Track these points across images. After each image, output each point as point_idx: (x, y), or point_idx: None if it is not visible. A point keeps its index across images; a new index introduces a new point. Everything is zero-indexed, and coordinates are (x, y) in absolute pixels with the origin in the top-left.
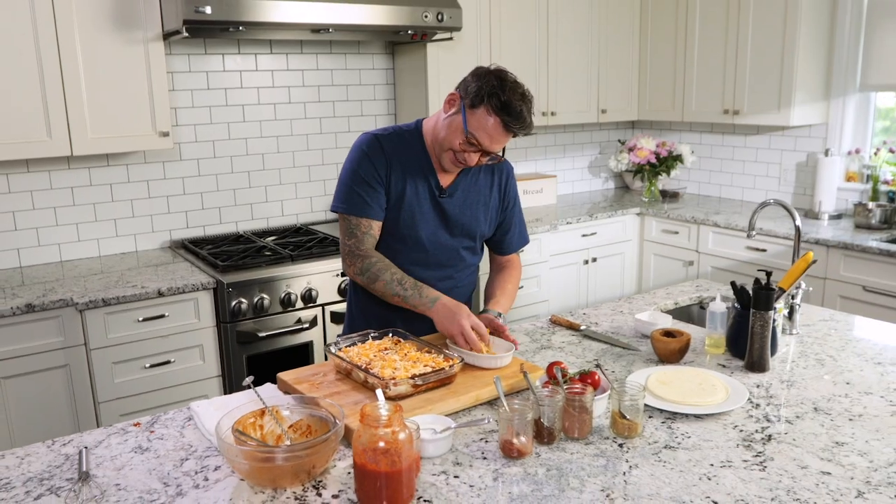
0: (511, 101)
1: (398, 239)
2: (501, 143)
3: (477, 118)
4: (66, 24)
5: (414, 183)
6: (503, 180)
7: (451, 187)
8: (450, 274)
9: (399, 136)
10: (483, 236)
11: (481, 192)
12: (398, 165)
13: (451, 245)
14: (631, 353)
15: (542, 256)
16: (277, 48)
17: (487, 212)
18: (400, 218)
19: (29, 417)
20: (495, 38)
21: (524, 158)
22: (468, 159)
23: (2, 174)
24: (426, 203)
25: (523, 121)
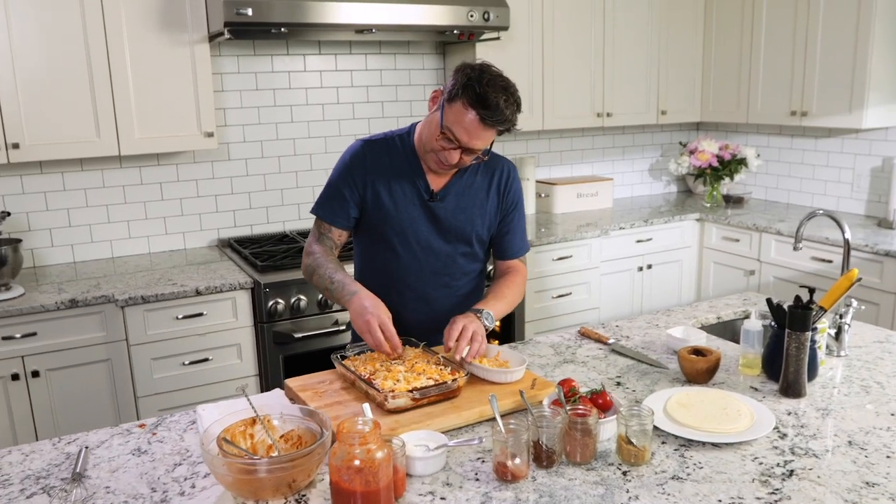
0: (487, 93)
1: (389, 247)
2: (481, 138)
3: (453, 112)
4: (115, 27)
5: (401, 188)
6: (503, 181)
7: (443, 191)
8: (446, 282)
9: (389, 141)
10: (482, 241)
11: (477, 195)
12: (383, 172)
13: (446, 251)
14: (658, 371)
15: (593, 262)
16: (326, 49)
17: (484, 215)
18: (388, 225)
19: (72, 409)
20: (548, 36)
21: (580, 161)
22: (449, 158)
23: (57, 172)
24: (416, 208)
25: (500, 113)
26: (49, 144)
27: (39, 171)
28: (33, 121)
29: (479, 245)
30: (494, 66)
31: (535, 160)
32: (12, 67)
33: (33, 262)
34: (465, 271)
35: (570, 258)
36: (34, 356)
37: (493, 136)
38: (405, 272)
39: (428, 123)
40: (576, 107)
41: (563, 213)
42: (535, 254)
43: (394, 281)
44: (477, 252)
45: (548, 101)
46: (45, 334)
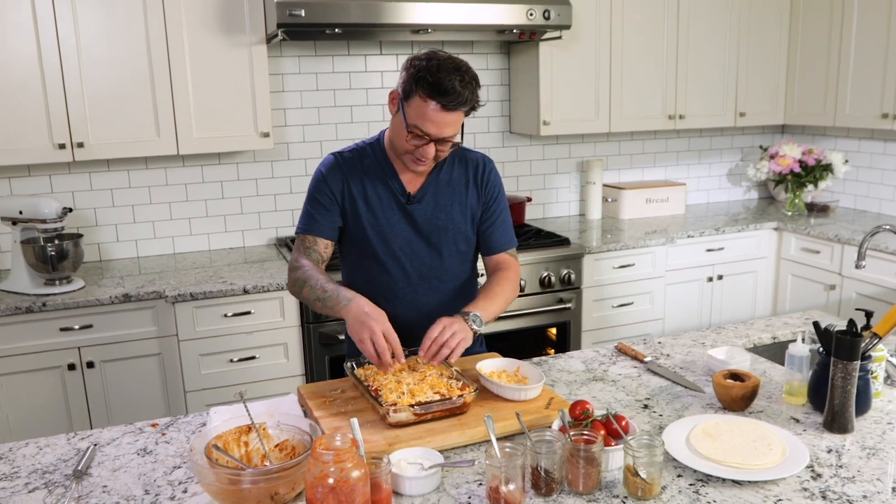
0: (440, 79)
1: (372, 256)
2: (449, 125)
3: (414, 108)
4: (176, 29)
5: (377, 195)
6: (480, 174)
7: (420, 192)
8: (435, 286)
9: (360, 150)
10: (468, 238)
11: (456, 191)
12: (357, 180)
13: (430, 253)
14: (692, 394)
15: (657, 271)
16: (387, 49)
17: (465, 211)
18: (368, 234)
19: (125, 400)
20: (616, 35)
21: (652, 164)
22: (425, 153)
23: (123, 170)
24: (393, 214)
25: (458, 95)
26: (111, 144)
27: (107, 169)
28: (97, 121)
29: (464, 243)
30: (442, 50)
31: (602, 163)
32: (79, 70)
33: (99, 256)
34: (453, 273)
35: (633, 266)
36: (90, 347)
37: (460, 119)
38: (392, 280)
39: (393, 127)
40: (645, 108)
41: (630, 219)
42: (594, 261)
43: (381, 290)
44: (463, 250)
45: (615, 102)
46: (100, 327)
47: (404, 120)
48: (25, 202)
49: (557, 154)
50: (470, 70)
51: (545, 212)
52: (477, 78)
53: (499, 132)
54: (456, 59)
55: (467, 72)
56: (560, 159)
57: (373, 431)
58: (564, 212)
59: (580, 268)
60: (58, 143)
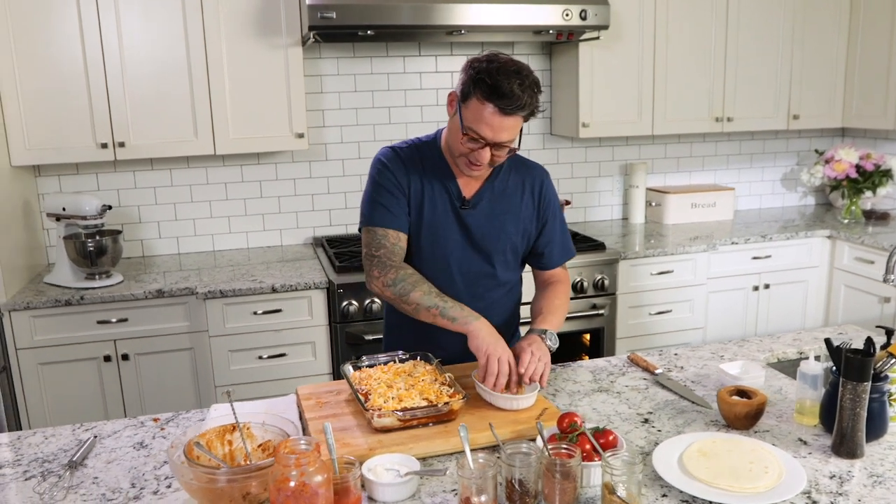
0: (499, 82)
1: (420, 257)
2: (506, 129)
3: (471, 111)
4: (214, 32)
5: (433, 196)
6: (536, 186)
7: (476, 197)
8: (480, 294)
9: (417, 148)
10: (516, 249)
11: (510, 201)
12: (417, 176)
13: (478, 261)
14: (698, 410)
15: (698, 279)
16: (426, 50)
17: (518, 222)
18: (421, 233)
19: (158, 392)
20: (661, 35)
21: (700, 168)
22: (480, 158)
23: (166, 169)
24: (448, 216)
25: (517, 99)
26: (151, 143)
27: (150, 168)
28: (138, 121)
29: (512, 254)
30: (503, 53)
31: (646, 166)
32: (121, 72)
33: (142, 252)
34: (499, 282)
35: (672, 273)
36: (125, 340)
37: (518, 124)
38: (436, 283)
39: (450, 129)
40: (691, 110)
41: (673, 224)
42: (629, 267)
43: None
44: (510, 261)
45: (658, 104)
46: (135, 320)
47: (461, 121)
48: (68, 199)
49: (600, 157)
50: (531, 74)
51: (586, 215)
52: (537, 82)
53: (539, 134)
54: (517, 63)
55: (528, 76)
56: (603, 162)
57: (357, 435)
58: (607, 216)
59: (615, 274)
60: (100, 143)
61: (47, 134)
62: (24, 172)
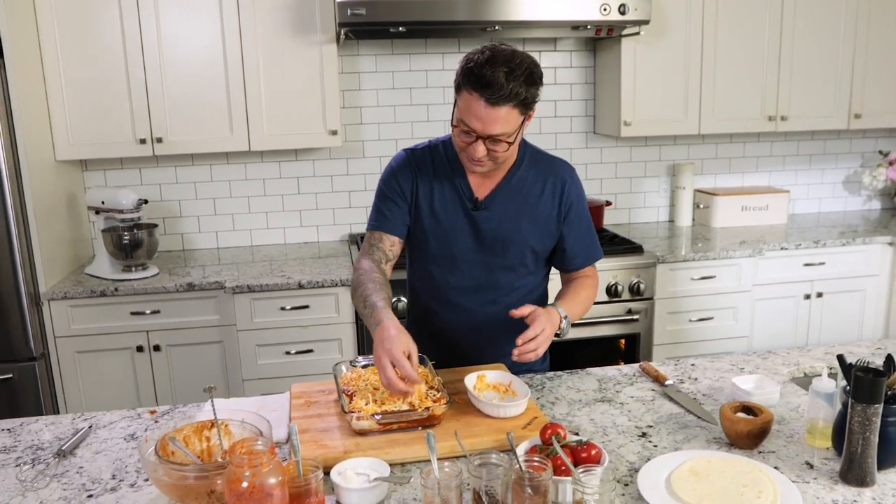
0: (484, 72)
1: (432, 260)
2: (496, 121)
3: (462, 102)
4: (250, 29)
5: (443, 196)
6: (558, 184)
7: (489, 198)
8: (493, 298)
9: (433, 148)
10: (535, 252)
11: (528, 201)
12: (427, 179)
13: (492, 264)
14: (703, 426)
15: (743, 285)
16: (465, 46)
17: (536, 222)
18: (431, 236)
19: (188, 383)
20: (709, 28)
21: (754, 169)
22: (473, 152)
23: (206, 164)
24: (458, 218)
25: (500, 88)
26: (188, 139)
27: (191, 163)
28: (175, 117)
29: (531, 257)
30: (505, 44)
31: (693, 167)
32: (160, 69)
33: (182, 245)
34: (514, 287)
35: (714, 279)
36: (157, 332)
37: (511, 116)
38: (447, 286)
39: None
40: (742, 108)
41: (722, 228)
42: (668, 271)
43: (438, 295)
44: (528, 264)
45: (706, 101)
46: (167, 313)
47: (453, 113)
48: (107, 193)
49: (646, 156)
50: (524, 64)
51: (630, 217)
52: (532, 73)
53: (582, 132)
54: (511, 52)
55: (520, 64)
56: (649, 162)
57: (336, 437)
58: (652, 217)
59: (653, 278)
60: (139, 139)
61: (89, 130)
62: (71, 167)
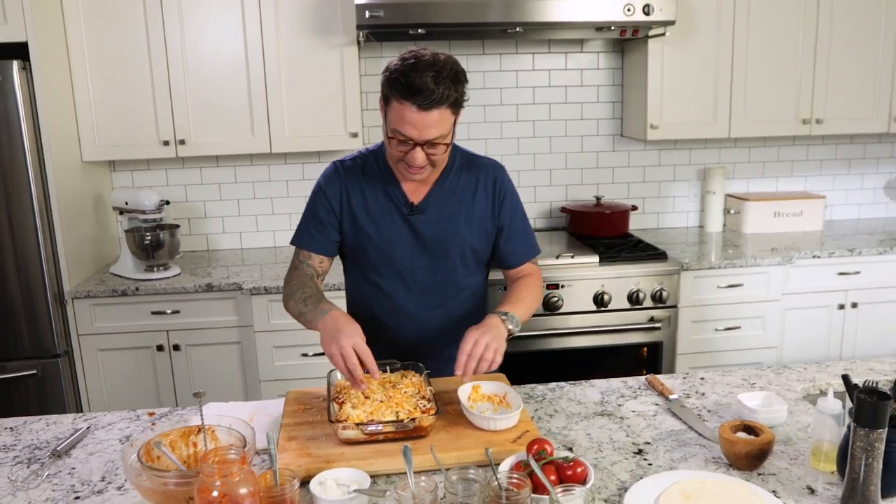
0: (411, 79)
1: (374, 269)
2: (432, 125)
3: (392, 112)
4: (272, 31)
5: (378, 206)
6: (489, 182)
7: (424, 202)
8: (439, 302)
9: (363, 158)
10: (475, 251)
11: (462, 201)
12: (357, 190)
13: (433, 268)
14: (703, 444)
15: (772, 294)
16: (490, 47)
17: (472, 223)
18: (367, 246)
19: (207, 382)
20: (740, 28)
21: (789, 174)
22: (413, 159)
23: (230, 166)
24: (395, 225)
25: (432, 93)
26: (210, 141)
27: (216, 165)
28: (198, 119)
29: (472, 256)
30: (425, 49)
31: (724, 171)
32: (184, 72)
33: (207, 245)
34: (459, 288)
35: (741, 287)
36: (177, 331)
37: (445, 118)
38: (394, 295)
39: (384, 134)
40: (774, 111)
41: (753, 234)
42: (693, 278)
43: (384, 306)
44: (470, 264)
45: (737, 104)
46: (187, 313)
47: (385, 125)
48: (130, 194)
49: (675, 160)
50: (448, 66)
51: (659, 222)
52: (458, 73)
53: (609, 135)
54: (437, 56)
55: (444, 67)
56: (678, 166)
57: (322, 445)
58: (681, 223)
59: (677, 285)
60: (163, 140)
61: (115, 131)
62: (98, 167)
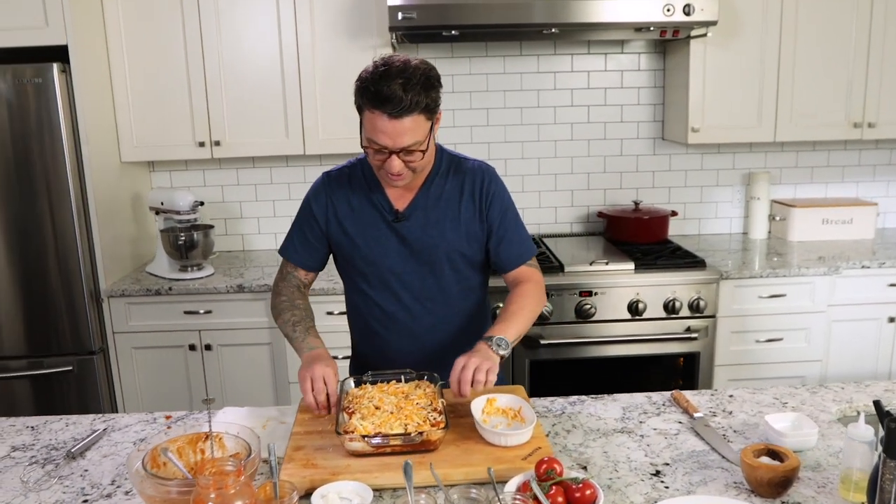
0: (380, 88)
1: (364, 280)
2: (405, 133)
3: (366, 121)
4: (307, 33)
5: (363, 215)
6: (476, 185)
7: (409, 208)
8: (431, 309)
9: (350, 167)
10: (465, 256)
11: (448, 205)
12: (343, 200)
13: (423, 275)
14: (725, 467)
15: (816, 305)
16: (527, 49)
17: (459, 227)
18: (355, 255)
19: (238, 383)
20: (787, 28)
21: (840, 180)
22: (390, 167)
23: (266, 167)
24: (381, 233)
25: (400, 101)
26: (245, 143)
27: (252, 166)
28: (233, 120)
29: (462, 261)
30: (397, 55)
31: (769, 176)
32: (220, 73)
33: (243, 246)
34: (451, 293)
35: (784, 297)
36: (208, 331)
37: (419, 125)
38: (385, 305)
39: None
40: (823, 115)
41: (799, 242)
42: (733, 287)
43: (376, 316)
44: (461, 269)
45: (783, 107)
46: (218, 313)
47: (361, 135)
48: (165, 194)
49: (719, 164)
50: (419, 72)
51: (700, 228)
52: (429, 79)
53: (649, 139)
54: (406, 63)
55: (413, 73)
56: (722, 170)
57: (329, 457)
58: (724, 229)
59: (715, 294)
60: (198, 142)
61: (153, 132)
62: (138, 168)
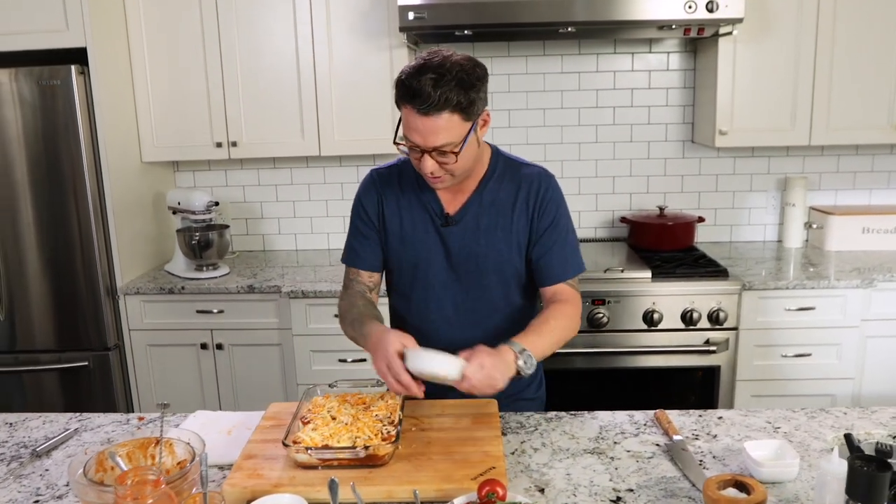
0: (412, 82)
1: (408, 284)
2: (437, 132)
3: (403, 117)
4: (322, 33)
5: (411, 215)
6: (532, 192)
7: (460, 213)
8: (475, 320)
9: (400, 165)
10: (514, 267)
11: (501, 213)
12: (393, 198)
13: (467, 285)
14: (693, 497)
15: (848, 319)
16: (550, 48)
17: (510, 236)
18: (403, 259)
19: (248, 382)
20: (824, 26)
21: (885, 185)
22: (421, 167)
23: (287, 168)
24: (428, 236)
25: (429, 97)
26: (260, 143)
27: (272, 166)
28: (249, 121)
29: (511, 273)
30: (440, 51)
31: (805, 181)
32: (237, 74)
33: (263, 246)
34: (496, 307)
35: (813, 310)
36: (220, 331)
37: (451, 124)
38: (426, 311)
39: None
40: (863, 117)
41: (837, 251)
42: (758, 299)
43: (416, 324)
44: (512, 283)
45: (819, 109)
46: (230, 313)
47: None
48: (182, 194)
49: (753, 168)
50: (455, 68)
51: (732, 235)
52: (466, 77)
53: (678, 141)
54: (445, 60)
55: (449, 70)
56: (756, 175)
57: (276, 467)
58: (758, 236)
59: (738, 306)
60: (216, 142)
61: (172, 133)
62: (160, 167)
